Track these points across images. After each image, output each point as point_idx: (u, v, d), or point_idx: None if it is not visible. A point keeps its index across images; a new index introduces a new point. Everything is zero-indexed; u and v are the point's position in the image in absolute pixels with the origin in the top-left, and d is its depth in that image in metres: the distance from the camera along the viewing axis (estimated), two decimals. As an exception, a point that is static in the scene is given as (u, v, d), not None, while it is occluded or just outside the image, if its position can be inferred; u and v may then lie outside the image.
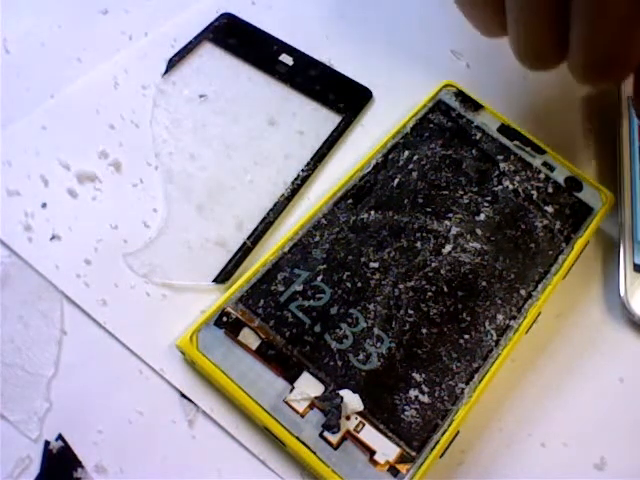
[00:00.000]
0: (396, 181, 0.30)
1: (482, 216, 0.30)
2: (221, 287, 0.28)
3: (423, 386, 0.25)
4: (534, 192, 0.30)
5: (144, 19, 0.35)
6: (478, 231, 0.29)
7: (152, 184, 0.30)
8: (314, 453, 0.24)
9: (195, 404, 0.25)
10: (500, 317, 0.27)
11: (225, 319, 0.26)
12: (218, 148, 0.31)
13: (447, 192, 0.30)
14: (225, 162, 0.31)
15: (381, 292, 0.27)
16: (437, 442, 0.24)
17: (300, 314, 0.26)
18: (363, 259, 0.28)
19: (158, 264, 0.28)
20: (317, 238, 0.28)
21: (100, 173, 0.30)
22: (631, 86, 0.36)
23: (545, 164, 0.31)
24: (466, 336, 0.27)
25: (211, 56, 0.34)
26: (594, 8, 0.25)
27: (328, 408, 0.24)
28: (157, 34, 0.34)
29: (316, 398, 0.25)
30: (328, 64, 0.34)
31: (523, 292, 0.28)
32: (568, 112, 0.36)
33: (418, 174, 0.30)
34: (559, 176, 0.31)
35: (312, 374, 0.25)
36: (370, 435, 0.24)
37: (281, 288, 0.27)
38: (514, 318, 0.27)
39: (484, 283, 0.28)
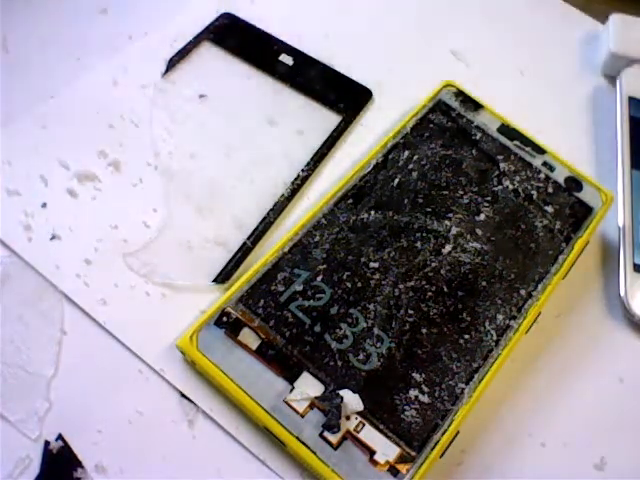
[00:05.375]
0: (396, 181, 0.30)
1: (482, 216, 0.30)
2: (221, 287, 0.28)
3: (423, 386, 0.25)
4: (534, 192, 0.30)
5: (144, 19, 0.35)
6: (478, 231, 0.29)
7: (152, 184, 0.30)
8: (314, 453, 0.24)
9: (195, 404, 0.25)
10: (500, 317, 0.27)
11: (225, 319, 0.26)
12: (218, 148, 0.31)
13: (447, 192, 0.30)
14: (225, 162, 0.31)
15: (381, 292, 0.27)
16: (437, 442, 0.24)
17: (300, 314, 0.26)
18: (363, 259, 0.28)
19: (158, 264, 0.28)
20: (317, 238, 0.28)
21: (100, 173, 0.30)
22: (631, 86, 0.36)
23: (545, 164, 0.31)
24: (466, 336, 0.27)
25: (211, 56, 0.34)
26: None
27: (328, 408, 0.24)
28: (157, 34, 0.34)
29: (316, 398, 0.25)
30: (328, 64, 0.34)
31: (523, 292, 0.28)
32: (568, 112, 0.36)
33: (418, 174, 0.30)
34: (559, 176, 0.31)
35: (312, 374, 0.25)
36: (370, 435, 0.24)
37: (281, 288, 0.27)
38: (514, 318, 0.27)
39: (484, 283, 0.28)
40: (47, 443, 0.24)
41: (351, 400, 0.25)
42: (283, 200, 0.30)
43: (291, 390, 0.25)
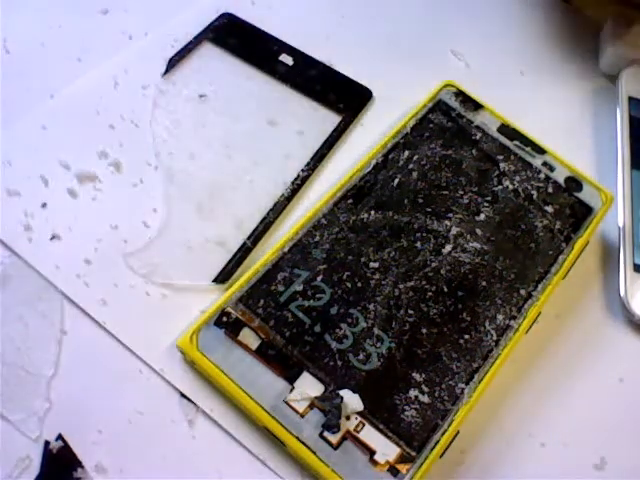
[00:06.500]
0: (396, 181, 0.30)
1: (482, 216, 0.30)
2: (221, 287, 0.28)
3: (423, 386, 0.25)
4: (534, 192, 0.30)
5: (144, 19, 0.35)
6: (478, 231, 0.29)
7: (152, 184, 0.30)
8: (314, 453, 0.24)
9: (195, 404, 0.25)
10: (500, 317, 0.27)
11: (225, 319, 0.26)
12: (218, 148, 0.31)
13: (447, 192, 0.30)
14: (225, 162, 0.31)
15: (381, 292, 0.27)
16: (437, 442, 0.24)
17: (300, 314, 0.26)
18: (363, 259, 0.28)
19: (158, 264, 0.28)
20: (317, 238, 0.28)
21: (100, 173, 0.30)
22: (631, 86, 0.36)
23: (545, 164, 0.31)
24: (466, 336, 0.27)
25: (211, 56, 0.34)
26: None
27: (328, 408, 0.24)
28: (157, 34, 0.34)
29: (316, 398, 0.25)
30: (328, 64, 0.34)
31: (523, 292, 0.28)
32: (568, 112, 0.36)
33: (418, 174, 0.30)
34: (559, 176, 0.31)
35: (312, 374, 0.25)
36: (370, 435, 0.24)
37: (281, 288, 0.27)
38: (514, 318, 0.27)
39: (484, 283, 0.28)
40: (47, 443, 0.24)
41: (351, 400, 0.25)
42: (283, 200, 0.30)
43: (291, 390, 0.25)
